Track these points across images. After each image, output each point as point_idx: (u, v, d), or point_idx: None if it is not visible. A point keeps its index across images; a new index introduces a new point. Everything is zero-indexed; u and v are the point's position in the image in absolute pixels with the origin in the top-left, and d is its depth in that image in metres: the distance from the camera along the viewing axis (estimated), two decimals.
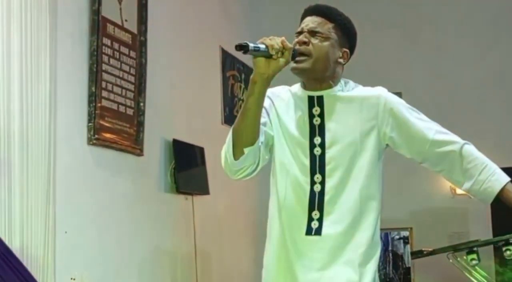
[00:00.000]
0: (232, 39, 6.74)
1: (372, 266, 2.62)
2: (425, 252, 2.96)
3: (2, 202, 3.48)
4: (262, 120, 2.58)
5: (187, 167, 5.52)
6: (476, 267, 2.92)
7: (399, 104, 2.65)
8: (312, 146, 2.61)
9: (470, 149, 2.64)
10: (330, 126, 2.61)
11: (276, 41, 2.43)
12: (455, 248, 2.89)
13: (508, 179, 2.63)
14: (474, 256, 2.81)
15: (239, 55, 6.75)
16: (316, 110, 2.63)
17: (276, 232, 2.65)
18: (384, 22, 7.39)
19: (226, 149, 2.55)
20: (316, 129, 2.62)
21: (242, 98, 6.80)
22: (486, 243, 2.92)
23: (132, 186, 4.85)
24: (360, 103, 2.63)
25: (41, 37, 3.83)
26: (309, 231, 2.58)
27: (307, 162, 2.61)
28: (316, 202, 2.58)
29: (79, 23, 4.37)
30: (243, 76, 6.87)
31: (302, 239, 2.58)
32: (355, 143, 2.59)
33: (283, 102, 2.69)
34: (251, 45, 2.39)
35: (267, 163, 2.68)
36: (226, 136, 2.54)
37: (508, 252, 2.73)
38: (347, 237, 2.57)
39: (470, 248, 2.82)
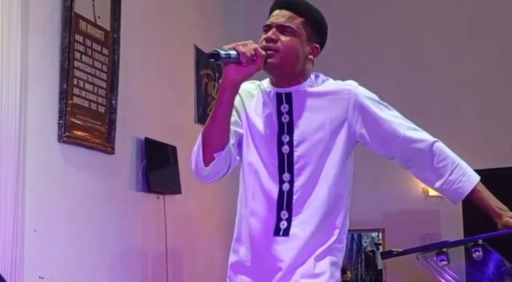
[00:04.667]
0: (207, 38, 6.74)
1: (330, 259, 2.54)
2: (395, 253, 2.96)
3: None
4: (232, 119, 2.51)
5: (159, 166, 5.49)
6: (446, 268, 2.92)
7: (370, 100, 2.60)
8: (280, 144, 2.55)
9: (441, 146, 2.61)
10: (299, 124, 2.55)
11: (248, 48, 2.34)
12: (424, 249, 2.89)
13: (478, 178, 2.63)
14: (443, 257, 2.82)
15: None
16: (284, 107, 2.57)
17: (245, 232, 2.60)
18: (358, 23, 7.41)
19: (196, 154, 2.49)
20: (285, 127, 2.56)
21: (215, 97, 6.78)
22: (455, 244, 2.93)
23: (103, 184, 4.81)
24: (329, 99, 2.56)
25: (12, 32, 3.78)
26: (277, 231, 2.52)
27: (275, 160, 2.55)
28: (285, 202, 2.53)
29: (51, 19, 4.33)
30: (217, 75, 6.86)
31: (270, 240, 2.52)
32: (324, 140, 2.54)
33: (252, 98, 2.63)
34: (222, 53, 2.30)
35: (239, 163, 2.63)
36: (199, 136, 2.50)
37: (476, 253, 2.74)
38: (315, 237, 2.52)
39: (439, 249, 2.83)
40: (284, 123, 2.56)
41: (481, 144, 6.67)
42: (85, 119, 4.53)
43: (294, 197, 2.53)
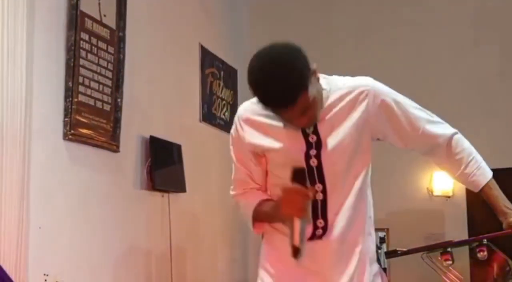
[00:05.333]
0: (212, 37, 6.75)
1: (369, 260, 2.63)
2: (399, 252, 2.97)
3: None
4: (251, 164, 2.61)
5: (163, 164, 5.49)
6: (450, 268, 2.93)
7: (387, 95, 2.59)
8: (308, 157, 2.52)
9: (459, 139, 2.67)
10: (325, 137, 2.51)
11: (299, 210, 2.37)
12: (429, 249, 2.90)
13: (491, 174, 2.68)
14: (448, 256, 2.83)
15: (218, 52, 6.78)
16: (309, 129, 2.51)
17: (280, 240, 2.60)
18: (364, 24, 7.40)
19: (246, 220, 2.64)
20: (313, 145, 2.52)
21: (220, 96, 6.78)
22: (459, 244, 2.93)
23: (108, 182, 4.81)
24: (347, 103, 2.53)
25: (18, 30, 3.78)
26: (312, 238, 2.54)
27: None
28: (320, 211, 2.54)
29: (57, 17, 4.33)
30: (222, 74, 6.85)
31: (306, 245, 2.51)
32: (351, 145, 2.53)
33: (260, 125, 2.56)
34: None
35: None
36: (204, 134, 2.50)
37: (481, 253, 2.74)
38: (345, 236, 2.55)
39: (443, 248, 2.83)
40: (312, 142, 2.52)
41: (487, 144, 6.64)
42: (90, 117, 4.53)
43: (328, 205, 2.55)
